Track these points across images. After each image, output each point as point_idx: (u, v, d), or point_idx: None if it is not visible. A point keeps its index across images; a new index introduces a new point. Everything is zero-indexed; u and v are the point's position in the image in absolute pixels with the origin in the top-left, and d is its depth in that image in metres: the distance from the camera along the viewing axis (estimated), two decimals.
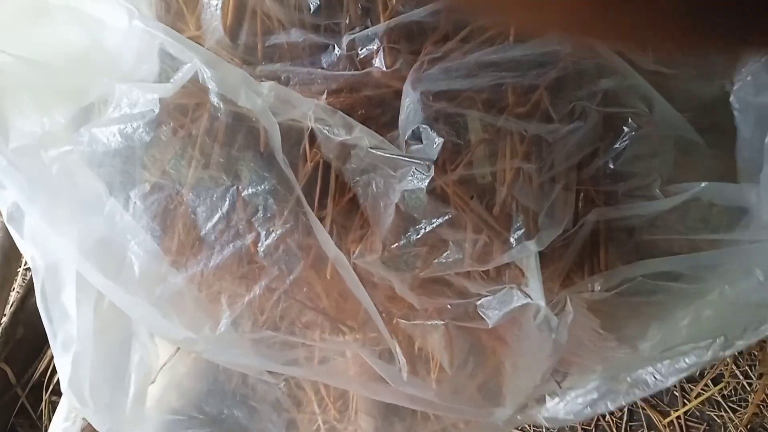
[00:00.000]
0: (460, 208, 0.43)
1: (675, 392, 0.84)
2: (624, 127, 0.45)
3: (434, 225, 0.43)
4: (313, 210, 0.44)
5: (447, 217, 0.43)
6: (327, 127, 0.43)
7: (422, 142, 0.43)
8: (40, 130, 0.36)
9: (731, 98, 0.46)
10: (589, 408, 0.49)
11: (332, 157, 0.44)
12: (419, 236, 0.44)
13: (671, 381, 0.47)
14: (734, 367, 0.83)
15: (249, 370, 0.45)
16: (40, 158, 0.37)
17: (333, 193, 0.46)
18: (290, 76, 0.44)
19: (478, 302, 0.46)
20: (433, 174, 0.42)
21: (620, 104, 0.44)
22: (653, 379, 0.48)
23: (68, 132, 0.38)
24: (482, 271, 0.46)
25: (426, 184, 0.42)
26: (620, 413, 0.86)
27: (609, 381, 0.49)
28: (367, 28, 0.45)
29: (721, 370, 0.83)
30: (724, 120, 0.46)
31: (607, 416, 0.86)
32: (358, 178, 0.45)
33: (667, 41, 0.24)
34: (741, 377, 0.83)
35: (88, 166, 0.38)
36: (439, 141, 0.42)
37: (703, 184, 0.45)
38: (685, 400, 0.84)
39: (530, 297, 0.44)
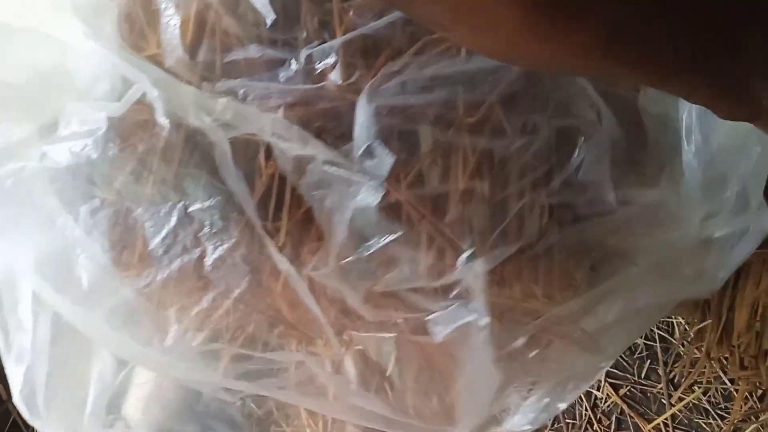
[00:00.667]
0: (411, 226, 0.44)
1: (663, 400, 0.83)
2: (577, 138, 0.44)
3: (385, 242, 0.43)
4: (267, 222, 0.45)
5: (398, 235, 0.43)
6: (283, 141, 0.44)
7: (375, 158, 0.43)
8: None
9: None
10: (544, 413, 0.49)
11: (288, 170, 0.45)
12: (370, 252, 0.44)
13: None
14: (722, 374, 0.81)
15: (202, 386, 0.46)
16: None
17: (288, 206, 0.46)
18: (248, 91, 0.45)
19: (428, 317, 0.46)
20: (383, 192, 0.42)
21: (571, 114, 0.44)
22: None
23: (22, 149, 0.39)
24: (434, 287, 0.46)
25: (376, 202, 0.42)
26: (608, 422, 0.86)
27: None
28: (325, 42, 0.45)
29: (709, 378, 0.82)
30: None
31: (595, 425, 0.86)
32: (313, 193, 0.45)
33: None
34: (728, 384, 0.81)
35: (41, 182, 0.39)
36: (390, 159, 0.42)
37: (653, 191, 0.47)
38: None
39: (476, 314, 0.44)
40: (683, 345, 0.83)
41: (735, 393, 0.81)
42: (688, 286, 0.49)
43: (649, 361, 0.85)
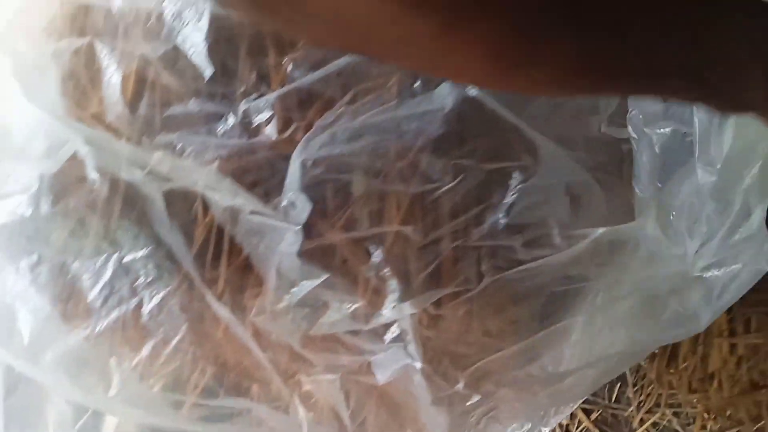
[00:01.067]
0: (336, 271, 0.44)
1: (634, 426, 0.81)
2: (510, 181, 0.44)
3: (311, 287, 0.44)
4: (206, 271, 0.46)
5: (322, 279, 0.44)
6: (215, 193, 0.45)
7: (297, 208, 0.44)
8: None
9: (628, 128, 0.46)
10: None
11: (223, 220, 0.46)
12: (299, 298, 0.45)
13: None
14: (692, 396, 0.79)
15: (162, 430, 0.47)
16: None
17: (228, 254, 0.47)
18: (185, 145, 0.46)
19: (372, 358, 0.46)
20: (302, 239, 0.42)
21: (504, 158, 0.44)
22: None
23: None
24: (371, 329, 0.46)
25: (297, 248, 0.43)
26: None
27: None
28: (262, 95, 0.46)
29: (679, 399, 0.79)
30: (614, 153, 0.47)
31: None
32: (247, 241, 0.46)
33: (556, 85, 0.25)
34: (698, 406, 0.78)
35: None
36: (308, 207, 0.43)
37: (600, 230, 0.45)
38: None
39: (411, 357, 0.44)
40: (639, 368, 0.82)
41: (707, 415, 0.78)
42: (667, 329, 0.47)
43: (619, 383, 0.84)
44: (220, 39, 0.45)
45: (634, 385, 0.80)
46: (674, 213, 0.44)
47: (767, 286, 0.63)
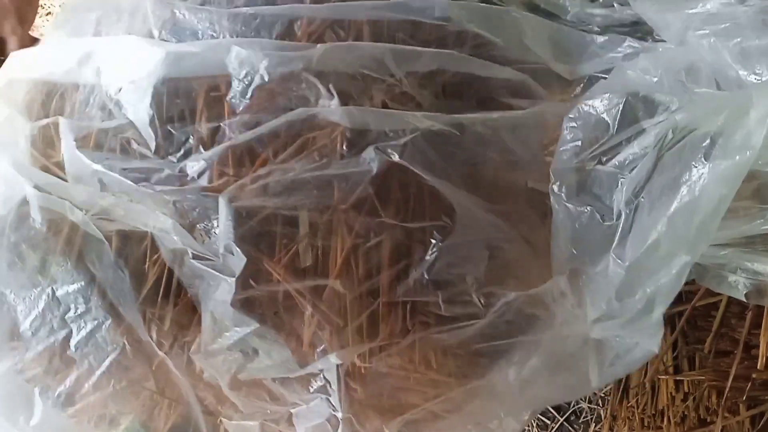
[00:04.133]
0: (267, 321, 0.45)
1: None
2: (431, 240, 0.45)
3: (241, 334, 0.45)
4: (155, 307, 0.48)
5: (252, 329, 0.45)
6: (164, 235, 0.47)
7: (233, 257, 0.46)
8: None
9: (551, 198, 0.47)
10: None
11: (170, 261, 0.48)
12: (231, 342, 0.46)
13: None
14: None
15: None
16: None
17: (175, 292, 0.49)
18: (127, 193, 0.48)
19: (293, 410, 0.47)
20: (235, 290, 0.44)
21: (424, 218, 0.46)
22: None
23: None
24: (297, 379, 0.47)
25: (230, 298, 0.45)
26: None
27: None
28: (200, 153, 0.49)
29: None
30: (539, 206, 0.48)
31: None
32: (190, 282, 0.48)
33: None
34: None
35: None
36: (243, 260, 0.45)
37: (513, 294, 0.46)
38: None
39: (334, 407, 0.45)
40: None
41: None
42: (561, 389, 0.47)
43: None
44: (160, 109, 0.48)
45: (586, 424, 0.80)
46: (584, 278, 0.44)
47: (709, 325, 0.63)
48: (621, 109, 0.48)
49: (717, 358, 0.58)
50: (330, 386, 0.46)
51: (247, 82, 0.48)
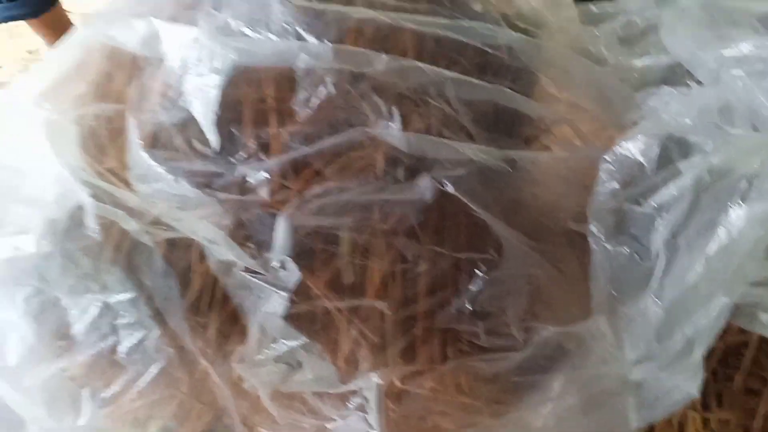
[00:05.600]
0: (315, 336, 0.47)
1: None
2: (477, 271, 0.47)
3: (290, 347, 0.46)
4: (200, 316, 0.49)
5: (301, 343, 0.46)
6: (212, 245, 0.48)
7: (287, 271, 0.47)
8: None
9: (590, 239, 0.48)
10: None
11: (216, 271, 0.49)
12: (278, 354, 0.47)
13: None
14: None
15: None
16: None
17: (220, 302, 0.50)
18: (186, 198, 0.49)
19: (330, 425, 0.48)
20: (288, 303, 0.45)
21: (472, 249, 0.47)
22: None
23: None
24: (336, 395, 0.48)
25: (282, 311, 0.45)
26: None
27: None
28: (261, 160, 0.50)
29: None
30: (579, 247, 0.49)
31: None
32: (236, 293, 0.49)
33: None
34: None
35: None
36: (297, 275, 0.46)
37: (552, 330, 0.47)
38: None
39: (371, 426, 0.46)
40: None
41: None
42: (600, 428, 0.48)
43: None
44: (226, 108, 0.49)
45: None
46: (623, 318, 0.46)
47: (739, 363, 0.63)
48: (657, 151, 0.49)
49: (746, 396, 0.59)
50: (368, 404, 0.47)
51: (312, 92, 0.49)
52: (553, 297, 0.50)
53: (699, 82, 0.52)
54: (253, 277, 0.47)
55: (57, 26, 1.15)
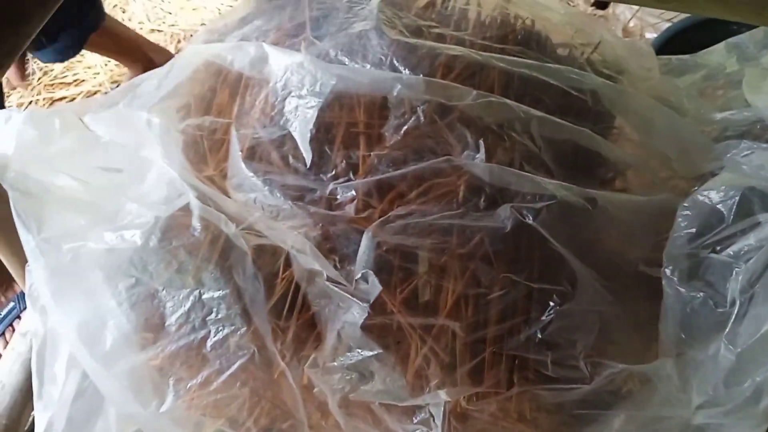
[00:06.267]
0: (389, 348, 0.49)
1: None
2: (550, 302, 0.48)
3: (364, 356, 0.49)
4: (280, 320, 0.51)
5: (374, 353, 0.48)
6: (299, 254, 0.51)
7: (368, 284, 0.49)
8: (64, 228, 0.47)
9: (663, 282, 0.49)
10: None
11: (300, 278, 0.52)
12: (351, 362, 0.49)
13: None
14: None
15: None
16: (60, 248, 0.47)
17: (299, 308, 0.52)
18: (279, 209, 0.52)
19: None
20: (367, 315, 0.47)
21: (547, 280, 0.49)
22: None
23: (84, 232, 0.48)
24: (402, 408, 0.49)
25: (361, 321, 0.48)
26: None
27: None
28: (349, 180, 0.53)
29: None
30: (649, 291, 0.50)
31: None
32: (317, 301, 0.51)
33: None
34: None
35: (93, 259, 0.48)
36: (378, 288, 0.48)
37: (620, 367, 0.48)
38: None
39: None
40: None
41: None
42: None
43: None
44: (321, 129, 0.53)
45: None
46: (691, 363, 0.46)
47: None
48: (737, 200, 0.50)
49: None
50: (434, 420, 0.49)
51: (402, 120, 0.52)
52: (620, 336, 0.50)
53: None
54: (335, 286, 0.49)
55: (113, 46, 1.15)
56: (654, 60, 0.62)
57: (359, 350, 0.49)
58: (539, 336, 0.48)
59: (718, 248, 0.50)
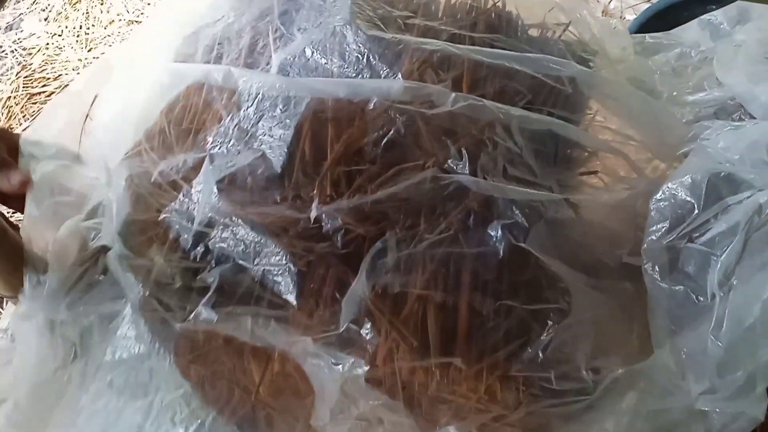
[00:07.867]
0: (394, 395, 0.47)
1: None
2: (548, 321, 0.48)
3: (371, 405, 0.47)
4: None
5: (382, 402, 0.47)
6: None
7: (362, 330, 0.47)
8: None
9: (645, 278, 0.50)
10: None
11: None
12: (359, 412, 0.48)
13: None
14: None
15: None
16: None
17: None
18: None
19: None
20: (368, 368, 0.46)
21: (542, 300, 0.49)
22: None
23: None
24: None
25: (363, 374, 0.46)
26: None
27: None
28: (333, 199, 0.50)
29: None
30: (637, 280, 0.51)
31: None
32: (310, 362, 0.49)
33: None
34: None
35: None
36: (376, 341, 0.47)
37: (620, 370, 0.49)
38: None
39: None
40: None
41: None
42: None
43: None
44: (298, 149, 0.51)
45: None
46: (684, 352, 0.48)
47: None
48: (704, 188, 0.50)
49: None
50: None
51: (382, 133, 0.50)
52: (614, 332, 0.51)
53: (752, 117, 0.54)
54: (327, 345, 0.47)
55: None
56: (629, 39, 0.61)
57: (366, 401, 0.47)
58: (541, 355, 0.48)
59: (694, 236, 0.51)
